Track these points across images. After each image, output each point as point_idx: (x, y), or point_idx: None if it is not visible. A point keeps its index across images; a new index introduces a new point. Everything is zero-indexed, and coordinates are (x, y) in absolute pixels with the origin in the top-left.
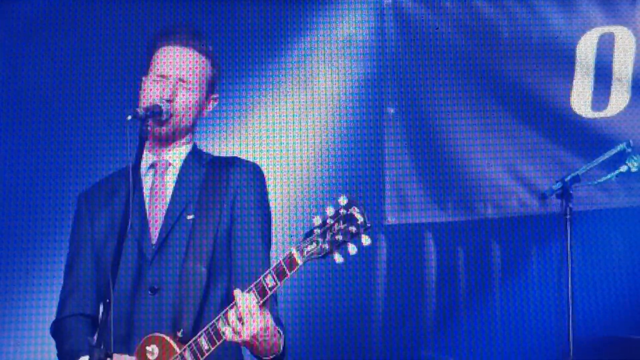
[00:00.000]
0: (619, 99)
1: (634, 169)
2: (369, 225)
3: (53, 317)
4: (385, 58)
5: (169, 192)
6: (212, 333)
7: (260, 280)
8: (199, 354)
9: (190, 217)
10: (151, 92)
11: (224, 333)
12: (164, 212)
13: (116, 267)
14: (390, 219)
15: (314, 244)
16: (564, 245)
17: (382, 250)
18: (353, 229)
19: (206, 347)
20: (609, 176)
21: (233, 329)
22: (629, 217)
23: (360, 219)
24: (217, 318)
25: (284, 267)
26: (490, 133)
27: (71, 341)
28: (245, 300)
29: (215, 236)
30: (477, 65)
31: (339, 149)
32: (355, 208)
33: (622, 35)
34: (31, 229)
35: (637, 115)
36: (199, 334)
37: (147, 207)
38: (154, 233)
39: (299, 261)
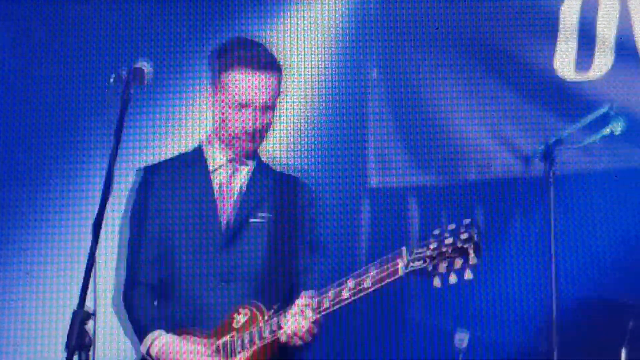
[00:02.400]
0: (602, 61)
1: (617, 132)
2: (477, 263)
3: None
4: (369, 20)
5: (237, 189)
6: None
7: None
8: (275, 330)
9: (263, 215)
10: (234, 122)
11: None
12: (235, 210)
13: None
14: (374, 182)
15: (421, 262)
16: (547, 208)
17: (365, 214)
18: (459, 263)
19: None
20: (592, 139)
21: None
22: (612, 180)
23: (472, 260)
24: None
25: (385, 276)
26: (474, 96)
27: (140, 312)
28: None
29: (281, 239)
30: (461, 28)
31: (322, 111)
32: (472, 246)
33: None
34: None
35: (620, 77)
36: (284, 312)
37: (218, 203)
38: (226, 230)
39: (401, 273)
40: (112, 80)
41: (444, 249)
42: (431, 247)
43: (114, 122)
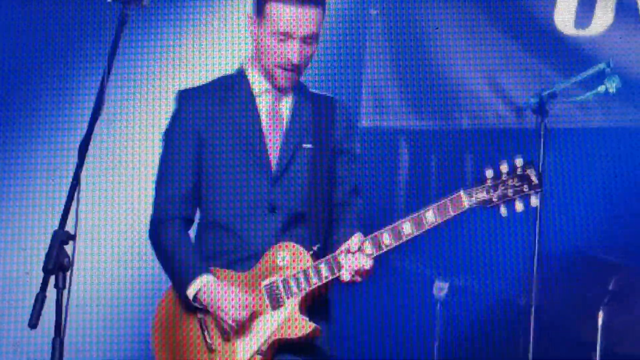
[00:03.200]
0: (602, 18)
1: (611, 90)
2: (542, 188)
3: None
4: None
5: (284, 118)
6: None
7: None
8: (336, 269)
9: (308, 146)
10: (276, 51)
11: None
12: (282, 137)
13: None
14: (365, 122)
15: (484, 193)
16: (537, 160)
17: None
18: (526, 187)
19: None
20: (586, 95)
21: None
22: (604, 137)
23: (535, 180)
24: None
25: (449, 206)
26: (472, 43)
27: (178, 250)
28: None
29: (328, 166)
30: None
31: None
32: (533, 170)
33: None
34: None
35: (619, 36)
36: (339, 250)
37: (264, 130)
38: (274, 156)
39: (466, 204)
40: (109, 0)
41: (504, 178)
42: (490, 182)
43: (109, 42)
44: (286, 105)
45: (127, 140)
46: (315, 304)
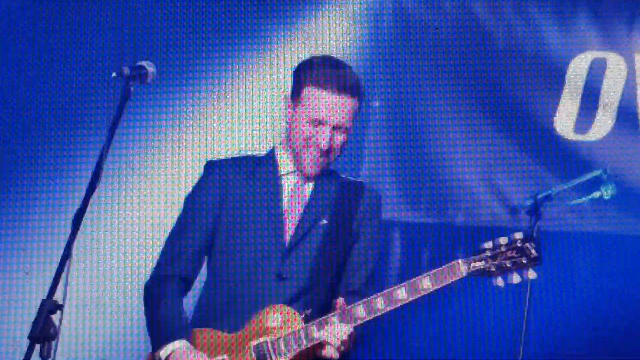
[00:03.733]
0: (602, 124)
1: (606, 196)
2: (540, 262)
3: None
4: (378, 52)
5: (306, 197)
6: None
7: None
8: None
9: (324, 222)
10: (308, 136)
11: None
12: (300, 215)
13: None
14: None
15: (483, 262)
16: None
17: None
18: (524, 260)
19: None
20: (581, 200)
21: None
22: (596, 244)
23: (534, 253)
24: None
25: (447, 273)
26: (471, 140)
27: (168, 303)
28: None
29: (343, 245)
30: (469, 70)
31: None
32: (532, 244)
33: (615, 62)
34: (30, 228)
35: (618, 143)
36: (331, 314)
37: (285, 203)
38: (290, 231)
39: (464, 272)
40: (114, 75)
41: (503, 250)
42: (488, 253)
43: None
44: (310, 186)
45: (123, 213)
46: None
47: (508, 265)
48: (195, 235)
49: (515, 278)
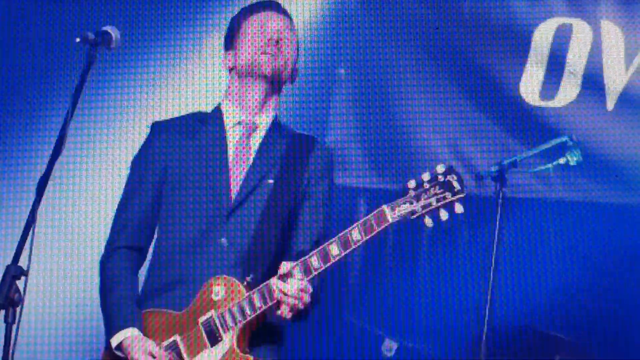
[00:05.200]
0: (568, 91)
1: (572, 163)
2: (464, 194)
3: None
4: (343, 19)
5: (252, 154)
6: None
7: (324, 247)
8: (268, 298)
9: (270, 181)
10: (255, 40)
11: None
12: (246, 172)
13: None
14: None
15: (407, 204)
16: (494, 228)
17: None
18: (449, 195)
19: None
20: (546, 166)
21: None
22: (561, 210)
23: (457, 187)
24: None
25: (373, 222)
26: (437, 106)
27: (120, 281)
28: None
29: (290, 205)
30: (434, 36)
31: (285, 104)
32: (454, 176)
33: (581, 29)
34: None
35: (583, 109)
36: (271, 280)
37: (230, 161)
38: (235, 190)
39: (390, 219)
40: (77, 41)
41: (427, 187)
42: (412, 193)
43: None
44: (256, 139)
45: (87, 178)
46: (261, 335)
47: (434, 203)
48: (141, 202)
49: (443, 215)
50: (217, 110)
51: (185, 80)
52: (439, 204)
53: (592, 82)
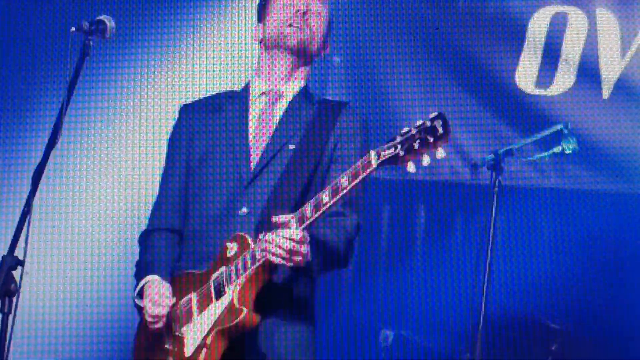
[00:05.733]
0: (563, 79)
1: (567, 151)
2: (448, 139)
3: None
4: (338, 9)
5: (276, 121)
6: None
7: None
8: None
9: (292, 147)
10: (282, 11)
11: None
12: (267, 140)
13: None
14: None
15: (392, 149)
16: (489, 217)
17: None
18: (431, 139)
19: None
20: (542, 155)
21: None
22: (556, 198)
23: (440, 130)
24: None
25: (359, 168)
26: (432, 96)
27: (147, 255)
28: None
29: (313, 170)
30: (429, 26)
31: None
32: (440, 121)
33: (576, 17)
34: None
35: (579, 98)
36: (272, 232)
37: (250, 132)
38: (255, 159)
39: (374, 163)
40: (72, 30)
41: (412, 132)
42: (399, 139)
43: (71, 72)
44: (281, 108)
45: (84, 170)
46: (274, 297)
47: (416, 147)
48: (172, 185)
49: (425, 160)
50: (246, 86)
51: (182, 70)
52: (422, 148)
53: (588, 71)
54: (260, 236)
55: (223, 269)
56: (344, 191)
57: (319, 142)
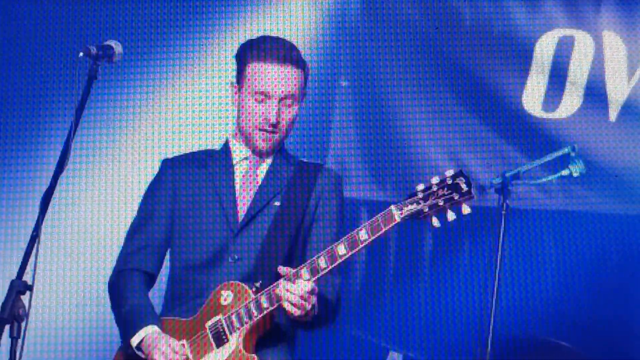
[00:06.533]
0: (570, 102)
1: (575, 174)
2: (472, 196)
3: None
4: (345, 32)
5: (260, 179)
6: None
7: (332, 248)
8: (275, 299)
9: (277, 203)
10: (255, 112)
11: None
12: (253, 195)
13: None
14: None
15: (415, 205)
16: (497, 240)
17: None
18: (456, 196)
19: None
20: (550, 177)
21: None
22: (564, 221)
23: (465, 188)
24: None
25: (380, 222)
26: (438, 118)
27: (134, 294)
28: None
29: (298, 226)
30: (436, 49)
31: None
32: (462, 179)
33: (582, 40)
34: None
35: (586, 121)
36: (277, 282)
37: (237, 188)
38: (242, 212)
39: (397, 218)
40: (81, 55)
41: (435, 189)
42: (420, 195)
43: (78, 96)
44: (263, 169)
45: (91, 194)
46: (272, 339)
47: (440, 203)
48: (153, 230)
49: (450, 215)
50: (226, 147)
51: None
52: (446, 204)
53: (595, 93)
54: (278, 285)
55: (220, 317)
56: (365, 243)
57: (301, 201)
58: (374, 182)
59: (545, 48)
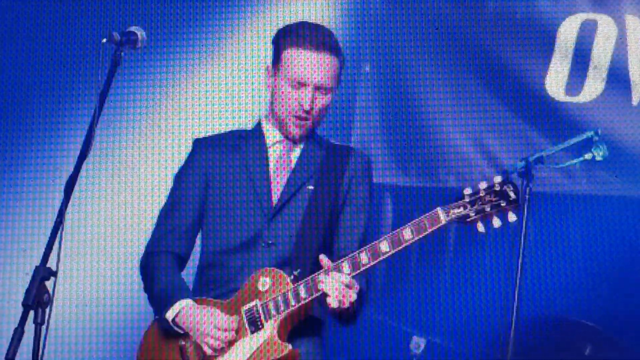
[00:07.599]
0: (593, 86)
1: (598, 158)
2: (520, 204)
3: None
4: (368, 17)
5: (293, 164)
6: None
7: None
8: (314, 290)
9: (310, 187)
10: (289, 99)
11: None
12: (286, 180)
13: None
14: None
15: (462, 209)
16: (520, 223)
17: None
18: (503, 203)
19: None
20: (573, 161)
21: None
22: (587, 204)
23: (512, 196)
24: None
25: (425, 223)
26: (462, 103)
27: (167, 272)
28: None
29: (331, 210)
30: (459, 33)
31: None
32: (510, 186)
33: (605, 24)
34: (23, 195)
35: (609, 104)
36: (317, 273)
37: (271, 173)
38: (276, 196)
39: (443, 220)
40: (104, 41)
41: (482, 194)
42: (467, 199)
43: (102, 83)
44: (296, 153)
45: (115, 181)
46: (304, 328)
47: (487, 209)
48: (185, 213)
49: (496, 222)
50: (258, 129)
51: (212, 71)
52: (493, 210)
53: (618, 77)
54: (319, 276)
55: (256, 302)
56: (408, 243)
57: (334, 185)
58: (398, 167)
59: (568, 32)
